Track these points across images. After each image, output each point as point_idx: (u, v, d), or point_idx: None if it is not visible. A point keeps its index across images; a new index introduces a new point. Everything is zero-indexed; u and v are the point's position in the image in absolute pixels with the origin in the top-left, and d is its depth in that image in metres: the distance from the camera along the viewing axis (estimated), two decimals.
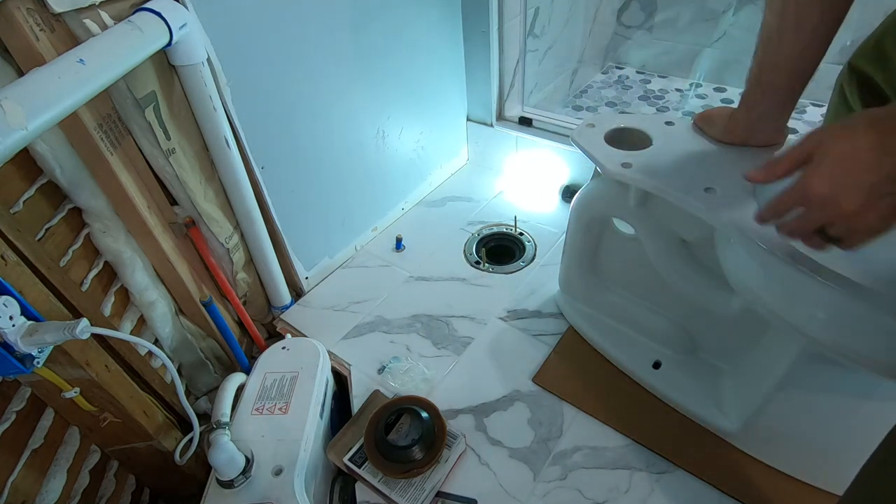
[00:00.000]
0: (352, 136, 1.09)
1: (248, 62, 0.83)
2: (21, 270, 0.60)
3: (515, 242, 1.22)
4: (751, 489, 0.74)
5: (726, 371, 0.84)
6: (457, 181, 1.44)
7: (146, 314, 0.86)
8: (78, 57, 0.55)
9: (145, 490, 0.91)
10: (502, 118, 1.37)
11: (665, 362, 0.88)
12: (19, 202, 0.66)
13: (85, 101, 0.57)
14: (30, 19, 0.58)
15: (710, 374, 0.85)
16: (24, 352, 0.53)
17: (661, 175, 0.69)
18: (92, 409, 0.71)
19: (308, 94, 0.95)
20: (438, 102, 1.29)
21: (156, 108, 0.73)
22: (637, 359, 0.90)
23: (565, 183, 1.30)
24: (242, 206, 0.91)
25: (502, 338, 1.00)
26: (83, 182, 0.72)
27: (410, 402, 0.84)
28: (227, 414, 0.75)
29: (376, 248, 1.24)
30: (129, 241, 0.80)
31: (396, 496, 0.75)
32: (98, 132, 0.68)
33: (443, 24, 1.19)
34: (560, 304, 1.03)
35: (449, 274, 1.14)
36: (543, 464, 0.79)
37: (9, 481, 0.62)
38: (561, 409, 0.86)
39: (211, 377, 1.02)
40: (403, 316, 1.05)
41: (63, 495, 0.69)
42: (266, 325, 1.12)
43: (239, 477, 0.70)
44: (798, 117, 1.58)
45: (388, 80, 1.11)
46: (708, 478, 0.75)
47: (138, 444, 0.79)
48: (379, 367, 0.95)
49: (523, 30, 1.30)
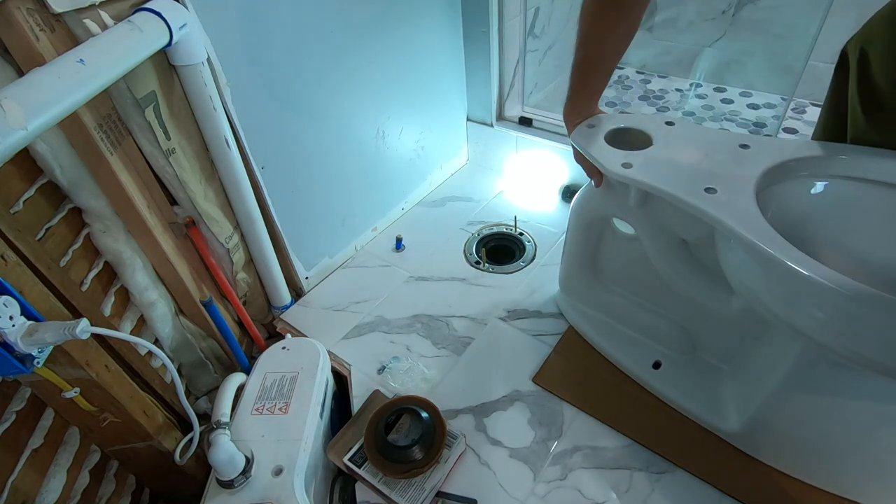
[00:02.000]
0: (352, 136, 1.09)
1: (248, 62, 0.83)
2: (21, 270, 0.60)
3: (515, 242, 1.22)
4: (751, 489, 0.74)
5: (726, 372, 0.84)
6: (457, 181, 1.44)
7: (146, 314, 0.86)
8: (78, 57, 0.55)
9: (145, 490, 0.91)
10: (502, 118, 1.37)
11: (665, 362, 0.88)
12: (19, 202, 0.66)
13: (85, 101, 0.57)
14: (30, 19, 0.58)
15: (709, 375, 0.85)
16: (24, 352, 0.53)
17: (662, 175, 0.69)
18: (92, 409, 0.71)
19: (308, 94, 0.95)
20: (438, 102, 1.29)
21: (156, 108, 0.73)
22: (637, 359, 0.90)
23: (565, 183, 1.30)
24: (242, 206, 0.91)
25: (502, 338, 1.00)
26: (83, 182, 0.72)
27: (410, 402, 0.84)
28: (227, 414, 0.75)
29: (376, 248, 1.24)
30: (129, 241, 0.80)
31: (396, 496, 0.75)
32: (98, 132, 0.68)
33: (443, 24, 1.19)
34: (560, 304, 1.03)
35: (449, 274, 1.14)
36: (543, 464, 0.79)
37: (9, 481, 0.62)
38: (561, 409, 0.86)
39: (211, 377, 1.02)
40: (403, 316, 1.05)
41: (63, 495, 0.69)
42: (266, 325, 1.12)
43: (239, 477, 0.70)
44: (798, 117, 1.58)
45: (388, 80, 1.11)
46: (708, 478, 0.75)
47: (138, 444, 0.79)
48: (379, 367, 0.95)
49: (523, 30, 1.30)
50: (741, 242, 0.58)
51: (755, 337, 0.77)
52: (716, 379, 0.84)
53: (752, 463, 0.76)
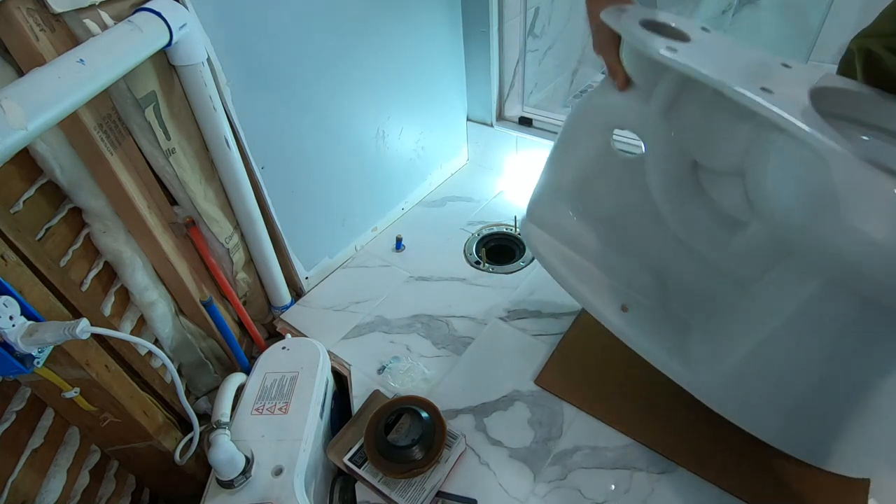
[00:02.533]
0: (352, 135, 1.09)
1: (248, 62, 0.83)
2: (21, 270, 0.60)
3: (515, 242, 1.22)
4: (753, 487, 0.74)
5: (697, 324, 0.79)
6: (457, 181, 1.44)
7: (146, 314, 0.86)
8: (78, 57, 0.55)
9: (145, 490, 0.91)
10: (502, 118, 1.37)
11: (633, 308, 0.82)
12: (19, 202, 0.66)
13: (85, 101, 0.57)
14: (30, 19, 0.58)
15: (679, 326, 0.80)
16: (24, 352, 0.53)
17: (711, 67, 0.58)
18: (92, 409, 0.71)
19: (308, 94, 0.95)
20: (438, 102, 1.29)
21: (156, 108, 0.73)
22: (605, 300, 0.82)
23: None
24: (242, 206, 0.91)
25: (502, 338, 0.99)
26: (83, 182, 0.72)
27: (410, 402, 0.84)
28: (227, 414, 0.75)
29: (376, 248, 1.24)
30: (129, 241, 0.80)
31: (396, 496, 0.75)
32: (98, 132, 0.68)
33: (443, 24, 1.19)
34: (524, 231, 0.91)
35: (449, 274, 1.14)
36: (543, 464, 0.79)
37: (9, 481, 0.62)
38: (561, 409, 0.86)
39: (211, 377, 1.02)
40: (403, 316, 1.05)
41: (63, 495, 0.69)
42: (266, 325, 1.12)
43: (239, 477, 0.70)
44: None
45: (388, 79, 1.11)
46: (708, 476, 0.75)
47: (138, 444, 0.79)
48: (379, 367, 0.95)
49: (523, 30, 1.30)
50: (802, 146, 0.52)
51: (745, 284, 0.70)
52: (685, 330, 0.78)
53: (755, 461, 0.76)
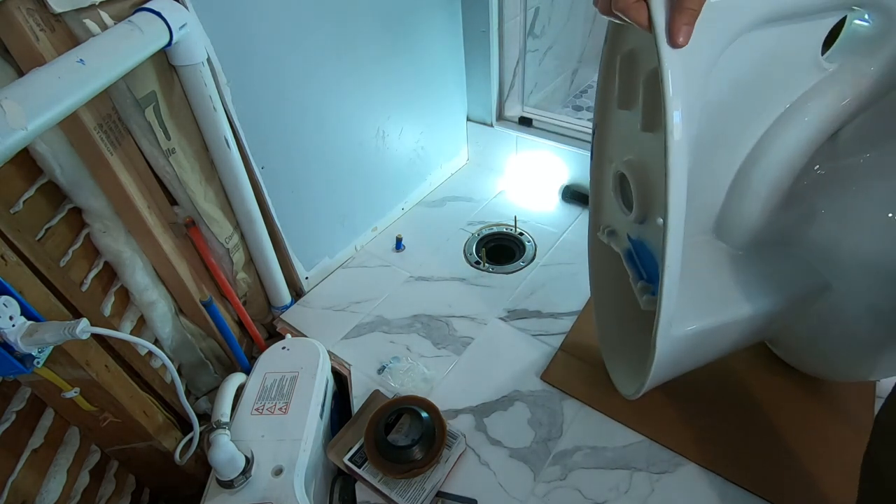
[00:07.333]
0: (352, 135, 1.09)
1: (248, 62, 0.83)
2: (21, 270, 0.60)
3: (515, 242, 1.22)
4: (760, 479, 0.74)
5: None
6: (457, 181, 1.44)
7: (146, 314, 0.86)
8: (78, 57, 0.55)
9: (145, 490, 0.91)
10: (502, 118, 1.37)
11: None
12: (19, 202, 0.66)
13: (85, 102, 0.56)
14: (30, 19, 0.58)
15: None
16: (24, 352, 0.53)
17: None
18: (92, 409, 0.71)
19: (308, 94, 0.95)
20: (438, 102, 1.29)
21: (156, 108, 0.73)
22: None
23: (565, 183, 1.30)
24: (242, 206, 0.91)
25: (502, 338, 1.00)
26: (83, 182, 0.72)
27: (410, 402, 0.84)
28: (227, 414, 0.75)
29: (376, 248, 1.24)
30: (129, 241, 0.80)
31: (396, 496, 0.75)
32: (98, 132, 0.68)
33: (443, 24, 1.19)
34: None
35: (449, 274, 1.14)
36: (543, 464, 0.79)
37: (9, 481, 0.62)
38: (561, 408, 0.86)
39: (211, 377, 1.02)
40: (403, 316, 1.05)
41: (63, 495, 0.69)
42: (266, 325, 1.12)
43: (239, 477, 0.70)
44: None
45: (388, 79, 1.11)
46: (714, 467, 0.75)
47: (138, 444, 0.79)
48: (379, 367, 0.95)
49: (523, 30, 1.30)
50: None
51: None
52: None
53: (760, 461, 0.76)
